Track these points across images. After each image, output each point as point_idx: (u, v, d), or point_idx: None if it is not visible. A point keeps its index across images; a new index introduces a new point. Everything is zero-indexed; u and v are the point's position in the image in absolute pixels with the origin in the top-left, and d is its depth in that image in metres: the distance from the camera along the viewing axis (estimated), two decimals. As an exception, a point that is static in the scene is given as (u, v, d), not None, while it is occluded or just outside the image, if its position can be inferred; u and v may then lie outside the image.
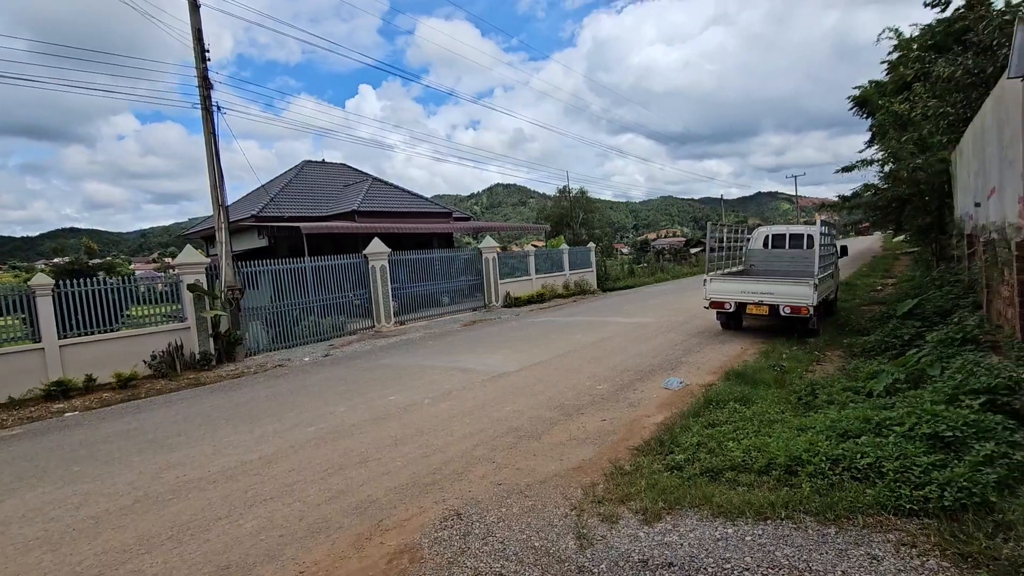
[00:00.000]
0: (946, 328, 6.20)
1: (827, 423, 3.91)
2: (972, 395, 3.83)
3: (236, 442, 5.76)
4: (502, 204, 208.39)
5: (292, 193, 22.58)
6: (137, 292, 11.05)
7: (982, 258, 7.36)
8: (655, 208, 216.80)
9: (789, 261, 11.71)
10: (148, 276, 12.21)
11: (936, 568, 2.48)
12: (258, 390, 8.48)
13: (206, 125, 12.12)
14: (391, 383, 8.10)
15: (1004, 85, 6.01)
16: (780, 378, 6.87)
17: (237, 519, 3.95)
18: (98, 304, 10.03)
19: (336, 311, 14.20)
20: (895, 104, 14.52)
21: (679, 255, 39.35)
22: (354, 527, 3.73)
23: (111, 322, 10.17)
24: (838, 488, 3.21)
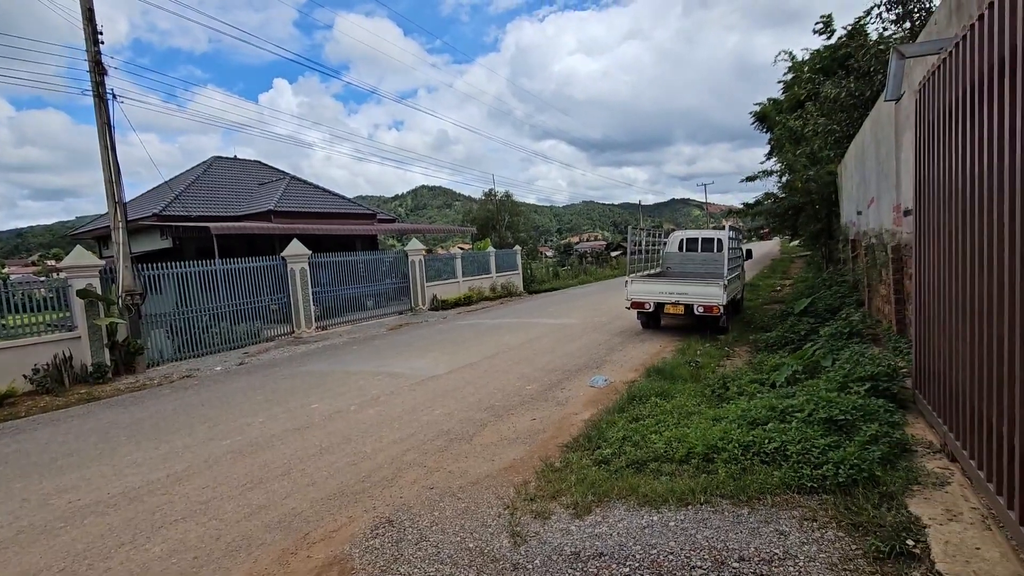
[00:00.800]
0: (835, 324, 6.90)
1: (738, 413, 4.23)
2: (859, 382, 4.31)
3: (140, 460, 5.28)
4: (427, 206, 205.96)
5: (200, 191, 21.04)
6: (12, 299, 9.79)
7: (864, 261, 8.26)
8: (577, 212, 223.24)
9: (701, 263, 12.50)
10: (26, 281, 10.87)
11: (833, 538, 2.76)
12: (164, 403, 7.82)
13: (100, 114, 11.04)
14: (314, 390, 7.76)
15: (880, 107, 6.80)
16: (695, 373, 7.32)
17: (143, 543, 3.62)
18: (-35, 312, 8.81)
19: (251, 317, 13.38)
20: (790, 120, 15.98)
21: (600, 258, 40.74)
22: (278, 542, 3.54)
23: (-18, 333, 8.96)
24: (750, 472, 3.49)
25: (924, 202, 3.67)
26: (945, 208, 3.11)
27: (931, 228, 3.48)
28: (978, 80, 2.60)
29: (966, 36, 2.80)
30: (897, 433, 3.57)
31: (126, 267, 11.01)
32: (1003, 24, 2.31)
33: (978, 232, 2.48)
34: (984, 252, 2.45)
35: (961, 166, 2.85)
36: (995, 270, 2.26)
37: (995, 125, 2.37)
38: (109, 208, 11.27)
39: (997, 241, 2.23)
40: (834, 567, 2.52)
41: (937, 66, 3.34)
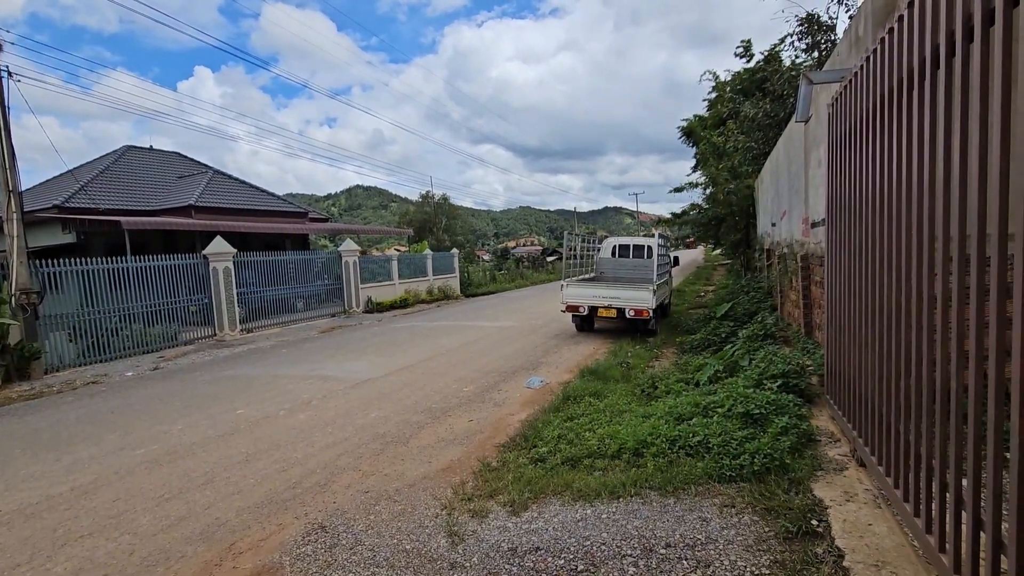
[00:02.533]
0: (752, 327, 7.43)
1: (666, 410, 4.47)
2: (772, 379, 4.68)
3: (37, 473, 4.81)
4: (362, 207, 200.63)
5: (110, 182, 19.46)
6: None
7: (776, 268, 8.95)
8: (514, 217, 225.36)
9: (632, 269, 13.02)
10: None
11: (749, 522, 2.99)
12: (65, 412, 7.15)
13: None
14: (239, 396, 7.38)
15: (792, 128, 7.40)
16: (626, 373, 7.62)
17: (43, 563, 3.31)
18: None
19: (168, 318, 12.50)
20: (713, 136, 17.03)
21: (537, 262, 41.41)
22: (200, 555, 3.35)
23: None
24: (676, 464, 3.70)
25: (835, 213, 4.04)
26: (853, 219, 3.44)
27: (841, 238, 3.83)
28: (873, 104, 2.93)
29: (863, 66, 3.14)
30: (804, 425, 3.92)
31: (21, 263, 10.00)
32: (892, 57, 2.62)
33: (882, 242, 2.77)
34: (887, 261, 2.74)
35: (863, 180, 3.19)
36: (898, 279, 2.53)
37: (888, 143, 2.68)
38: (1, 197, 10.20)
39: (899, 251, 2.50)
40: (750, 548, 2.74)
41: (841, 90, 3.72)
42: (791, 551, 2.63)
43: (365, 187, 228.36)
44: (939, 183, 2.09)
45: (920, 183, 2.26)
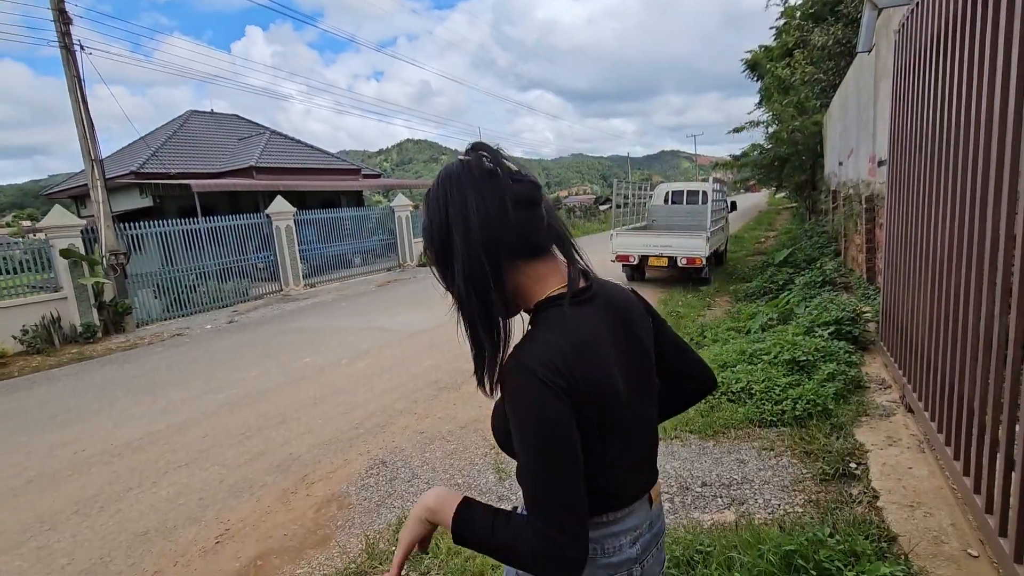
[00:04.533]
0: (810, 273, 7.14)
1: (710, 357, 4.47)
2: (824, 326, 4.55)
3: (139, 414, 5.47)
4: (413, 161, 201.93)
5: (178, 147, 20.52)
6: None
7: (842, 211, 8.45)
8: (566, 166, 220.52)
9: (686, 216, 12.62)
10: (2, 242, 10.73)
11: (787, 464, 3.04)
12: (157, 360, 7.97)
13: (68, 67, 10.64)
14: (305, 346, 7.94)
15: (862, 57, 6.81)
16: (676, 323, 7.57)
17: (150, 488, 3.85)
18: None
19: (239, 275, 13.39)
20: (779, 69, 15.79)
21: (589, 212, 40.63)
22: (278, 484, 3.78)
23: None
24: (717, 410, 3.74)
25: (897, 150, 3.78)
26: (917, 156, 3.23)
27: (902, 177, 3.60)
28: (946, 27, 2.69)
29: (934, -14, 2.85)
30: (853, 372, 3.84)
31: (108, 227, 10.90)
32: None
33: (946, 181, 2.61)
34: (948, 200, 2.57)
35: (929, 113, 2.96)
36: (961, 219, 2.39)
37: (958, 71, 2.47)
38: (86, 166, 11.05)
39: (964, 191, 2.36)
40: (785, 488, 2.80)
41: (908, 14, 3.40)
42: (826, 491, 2.68)
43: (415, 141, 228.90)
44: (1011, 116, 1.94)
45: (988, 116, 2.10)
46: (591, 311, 0.93)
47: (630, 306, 1.02)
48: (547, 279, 0.93)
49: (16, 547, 3.24)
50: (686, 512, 2.74)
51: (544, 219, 0.91)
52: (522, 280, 0.92)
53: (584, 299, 0.93)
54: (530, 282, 0.93)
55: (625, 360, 0.94)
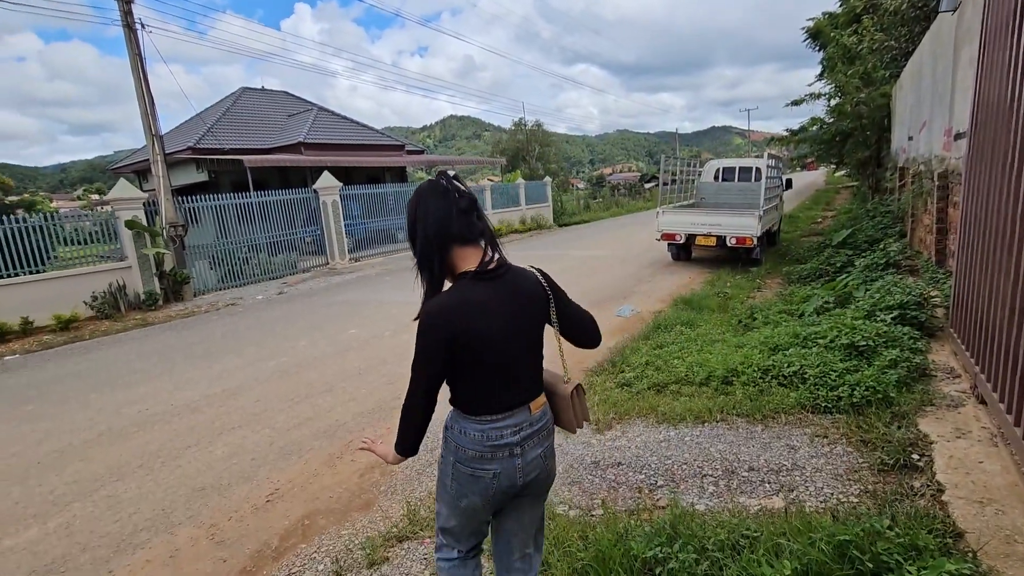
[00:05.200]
0: (872, 255, 6.73)
1: (760, 339, 4.30)
2: (886, 311, 4.29)
3: (196, 378, 5.76)
4: (456, 137, 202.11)
5: (231, 123, 21.17)
6: (63, 231, 10.38)
7: (910, 189, 7.89)
8: (611, 142, 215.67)
9: (737, 193, 12.13)
10: (74, 214, 11.38)
11: (842, 452, 2.90)
12: (212, 328, 8.36)
13: (130, 45, 11.07)
14: (351, 318, 8.14)
15: (941, 19, 6.25)
16: (724, 304, 7.34)
17: (207, 447, 4.06)
18: (20, 245, 9.35)
19: (287, 248, 13.83)
20: (844, 36, 14.76)
21: (633, 190, 39.72)
22: (325, 448, 3.91)
23: (38, 263, 9.58)
24: (767, 393, 3.61)
25: (980, 123, 3.47)
26: (1003, 129, 2.95)
27: (985, 151, 3.31)
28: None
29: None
30: (918, 359, 3.60)
31: (167, 200, 11.41)
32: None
33: None
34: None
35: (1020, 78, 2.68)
36: None
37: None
38: (147, 141, 11.55)
39: None
40: (839, 477, 2.67)
41: (1004, -31, 3.06)
42: (885, 482, 2.54)
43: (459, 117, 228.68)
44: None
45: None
46: (488, 285, 1.44)
47: (529, 286, 1.52)
48: (469, 260, 1.46)
49: (90, 494, 3.49)
50: (731, 496, 2.66)
51: (475, 223, 1.46)
52: (454, 259, 1.47)
53: (486, 277, 1.44)
54: (459, 260, 1.46)
55: (508, 320, 1.45)
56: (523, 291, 1.51)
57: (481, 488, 1.52)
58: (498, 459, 1.50)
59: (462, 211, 1.44)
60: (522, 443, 1.52)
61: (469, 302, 1.42)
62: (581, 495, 2.91)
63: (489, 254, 1.47)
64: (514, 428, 1.51)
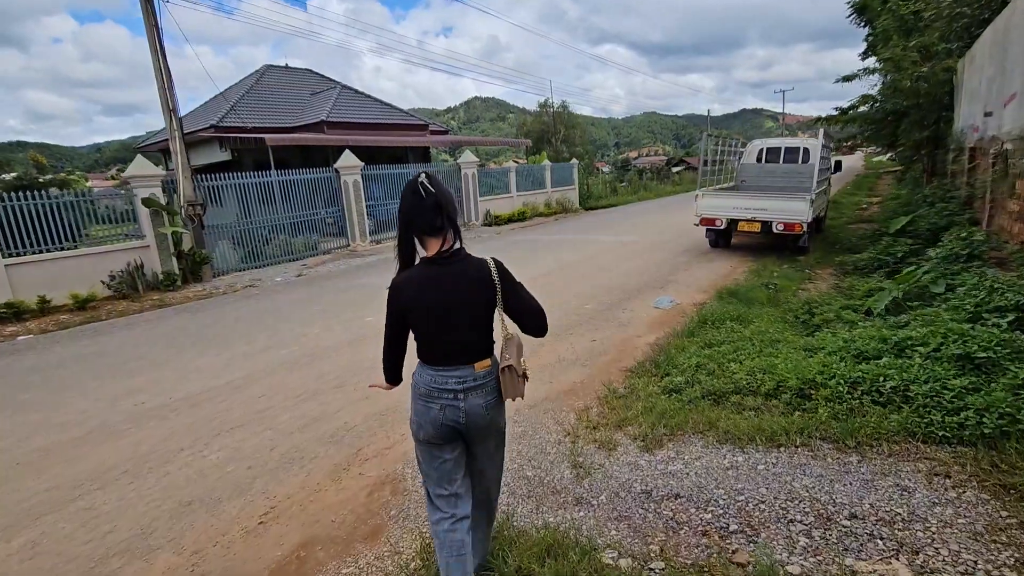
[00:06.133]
0: (949, 244, 5.95)
1: (839, 343, 3.65)
2: (998, 313, 3.59)
3: (202, 366, 5.37)
4: (480, 119, 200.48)
5: (254, 101, 20.82)
6: (97, 210, 10.22)
7: (989, 172, 7.02)
8: (637, 125, 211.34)
9: (782, 176, 11.26)
10: (108, 193, 11.14)
11: (974, 500, 2.28)
12: (227, 311, 8.01)
13: (147, 16, 10.66)
14: (368, 304, 7.69)
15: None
16: (773, 296, 6.66)
17: (201, 450, 3.63)
18: (50, 222, 9.15)
19: (308, 229, 13.45)
20: (902, 7, 13.61)
21: (660, 174, 38.56)
22: (330, 456, 3.44)
23: (69, 240, 9.44)
24: (858, 413, 2.98)
25: None
26: None
27: None
28: None
29: None
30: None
31: (186, 178, 11.08)
32: None
33: None
34: None
35: None
36: None
37: None
38: (164, 117, 11.19)
39: None
40: (978, 537, 2.07)
41: None
42: (1050, 551, 1.93)
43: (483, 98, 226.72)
44: None
45: None
46: (440, 268, 1.85)
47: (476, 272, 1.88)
48: (431, 247, 1.87)
49: (65, 505, 3.08)
50: (833, 554, 2.08)
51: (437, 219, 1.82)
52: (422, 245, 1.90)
53: (439, 262, 1.85)
54: (424, 247, 1.89)
55: (452, 296, 1.85)
56: (470, 275, 1.86)
57: (431, 419, 1.91)
58: (444, 399, 1.89)
59: (427, 208, 1.80)
60: (465, 391, 1.89)
61: (420, 279, 1.85)
62: (632, 536, 2.37)
63: (447, 244, 1.84)
64: (458, 379, 1.88)
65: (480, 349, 1.91)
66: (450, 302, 1.83)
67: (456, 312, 1.84)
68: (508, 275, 1.92)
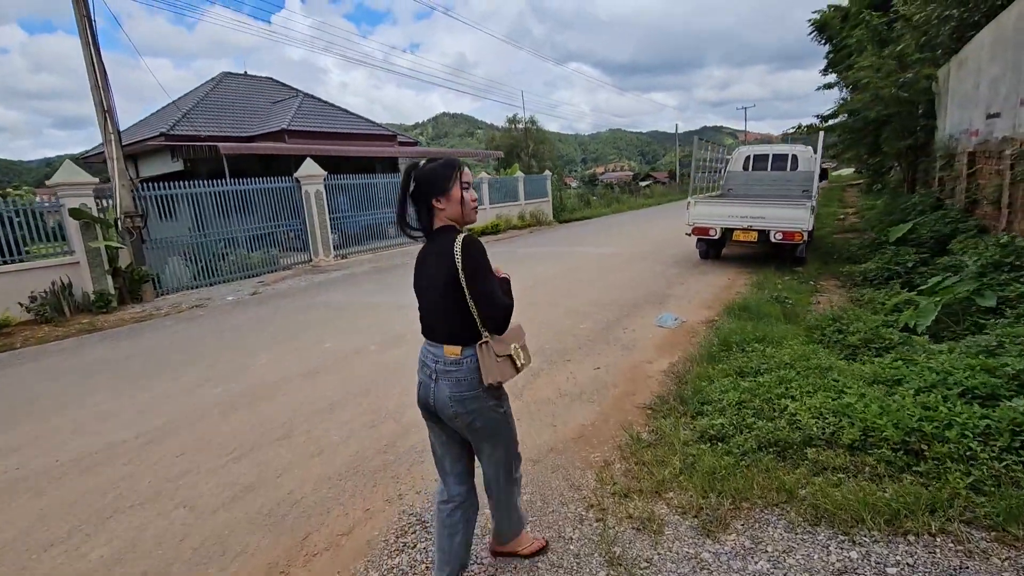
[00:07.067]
0: (987, 251, 5.37)
1: (929, 376, 2.88)
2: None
3: (112, 411, 4.28)
4: (449, 135, 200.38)
5: (210, 109, 19.53)
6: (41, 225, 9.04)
7: (1006, 175, 6.55)
8: (603, 141, 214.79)
9: (771, 184, 10.78)
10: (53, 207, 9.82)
11: None
12: (162, 338, 6.86)
13: (78, 7, 9.53)
14: (329, 325, 6.69)
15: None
16: (788, 311, 5.97)
17: (80, 544, 2.59)
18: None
19: (268, 243, 12.28)
20: (875, 18, 13.63)
21: (628, 188, 38.77)
22: (264, 550, 2.47)
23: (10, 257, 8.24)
24: (1007, 482, 2.19)
25: None
26: None
27: None
28: None
29: None
30: None
31: (123, 186, 9.86)
32: None
33: None
34: None
35: None
36: None
37: None
38: (98, 119, 9.99)
39: None
40: None
41: None
42: None
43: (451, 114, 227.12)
44: None
45: None
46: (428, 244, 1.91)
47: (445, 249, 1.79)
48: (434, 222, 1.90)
49: None
50: None
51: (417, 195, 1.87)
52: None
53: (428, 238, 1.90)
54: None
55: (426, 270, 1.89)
56: (440, 252, 1.81)
57: (418, 392, 1.97)
58: (423, 374, 1.93)
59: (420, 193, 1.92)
60: (436, 375, 1.86)
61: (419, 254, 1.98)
62: None
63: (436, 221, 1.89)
64: (433, 357, 1.89)
65: (444, 332, 1.86)
66: (425, 278, 1.89)
67: (430, 290, 1.87)
68: (473, 255, 1.76)
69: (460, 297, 1.77)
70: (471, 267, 1.74)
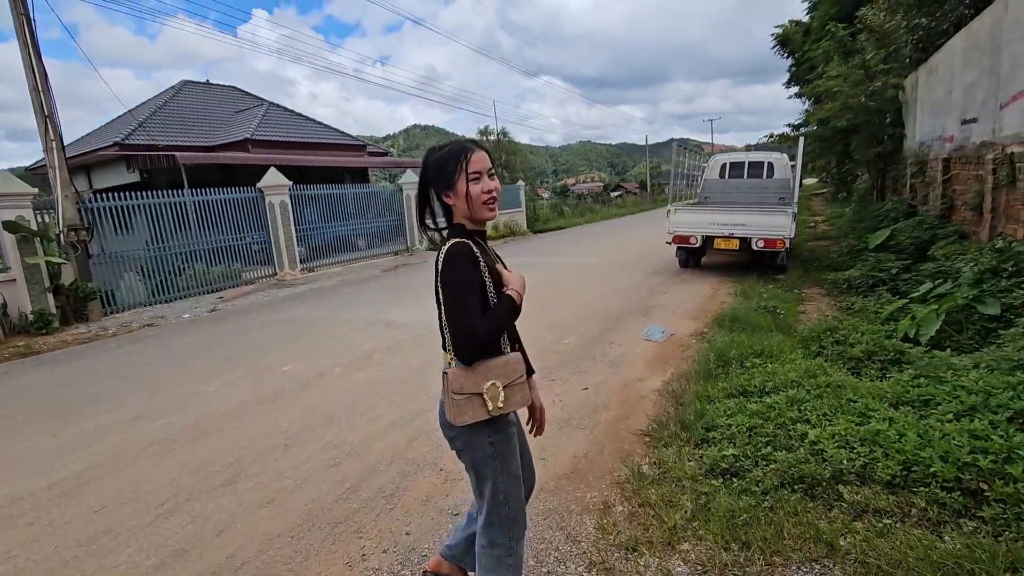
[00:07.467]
0: (983, 256, 5.21)
1: (969, 397, 2.56)
2: None
3: (28, 451, 3.68)
4: (420, 146, 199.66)
5: (168, 118, 18.66)
6: None
7: (987, 180, 6.48)
8: (574, 153, 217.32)
9: (748, 192, 10.68)
10: None
11: None
12: (103, 362, 6.20)
13: (15, 5, 8.83)
14: (291, 344, 6.14)
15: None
16: (778, 322, 5.71)
17: (-48, 638, 2.06)
18: None
19: (230, 257, 11.58)
20: (840, 31, 13.90)
21: (599, 199, 39.07)
22: (191, 637, 1.97)
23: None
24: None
25: None
26: None
27: None
28: None
29: None
30: None
31: (66, 197, 9.11)
32: None
33: None
34: None
35: None
36: None
37: None
38: (39, 124, 9.22)
39: None
40: None
41: None
42: None
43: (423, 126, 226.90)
44: None
45: None
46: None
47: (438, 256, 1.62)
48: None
49: None
50: None
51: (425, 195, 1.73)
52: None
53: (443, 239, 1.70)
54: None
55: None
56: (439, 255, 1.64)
57: None
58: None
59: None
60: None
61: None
62: None
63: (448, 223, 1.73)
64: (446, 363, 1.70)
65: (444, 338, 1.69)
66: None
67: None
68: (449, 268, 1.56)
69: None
70: (444, 281, 1.57)
